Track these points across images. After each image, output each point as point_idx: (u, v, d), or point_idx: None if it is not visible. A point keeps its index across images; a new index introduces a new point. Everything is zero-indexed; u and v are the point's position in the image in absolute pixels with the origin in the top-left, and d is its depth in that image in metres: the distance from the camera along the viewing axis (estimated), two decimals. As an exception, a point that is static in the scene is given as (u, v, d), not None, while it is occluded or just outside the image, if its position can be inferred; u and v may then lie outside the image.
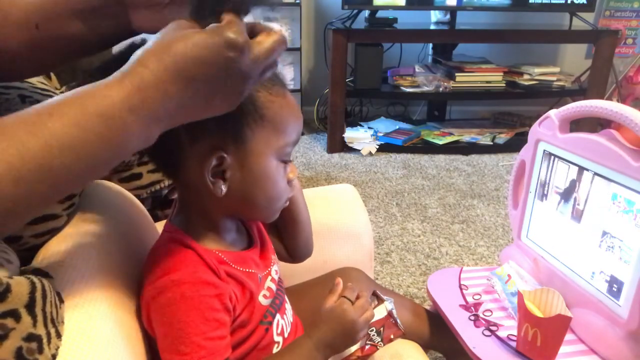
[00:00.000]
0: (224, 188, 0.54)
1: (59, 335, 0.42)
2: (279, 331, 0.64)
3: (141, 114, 0.40)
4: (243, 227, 0.66)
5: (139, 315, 0.58)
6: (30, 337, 0.39)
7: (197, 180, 0.54)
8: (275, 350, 0.63)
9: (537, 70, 2.72)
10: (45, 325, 0.41)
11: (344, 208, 0.95)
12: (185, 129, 0.51)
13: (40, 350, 0.39)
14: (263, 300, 0.61)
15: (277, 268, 0.68)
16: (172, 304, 0.52)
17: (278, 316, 0.64)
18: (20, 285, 0.40)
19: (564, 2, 2.60)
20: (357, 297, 0.65)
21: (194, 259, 0.55)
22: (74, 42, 0.54)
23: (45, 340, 0.40)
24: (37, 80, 0.69)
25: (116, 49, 0.53)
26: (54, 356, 0.41)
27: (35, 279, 0.42)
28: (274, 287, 0.64)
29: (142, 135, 0.42)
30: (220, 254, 0.57)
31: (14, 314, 0.38)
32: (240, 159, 0.54)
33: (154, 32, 0.46)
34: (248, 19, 0.47)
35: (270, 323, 0.62)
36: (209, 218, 0.59)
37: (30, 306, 0.40)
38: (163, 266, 0.54)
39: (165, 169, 0.60)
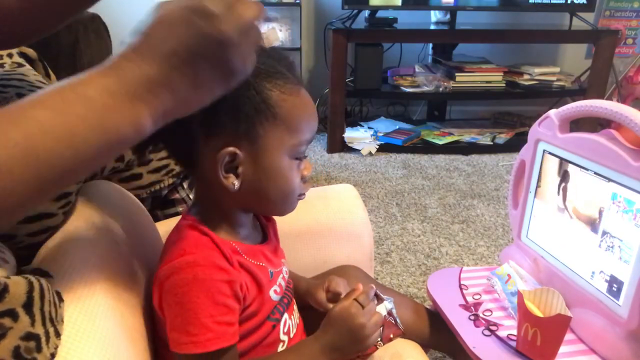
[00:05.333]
0: (236, 183, 0.55)
1: (58, 335, 0.42)
2: (285, 330, 0.64)
3: (119, 93, 0.39)
4: (258, 224, 0.68)
5: (141, 313, 0.58)
6: (29, 336, 0.39)
7: (211, 175, 0.55)
8: (280, 348, 0.63)
9: (537, 70, 2.72)
10: (44, 325, 0.41)
11: (344, 208, 0.95)
12: (201, 124, 0.53)
13: (39, 349, 0.39)
14: (273, 295, 0.62)
15: (287, 269, 0.69)
16: (185, 285, 0.53)
17: (286, 315, 0.65)
18: (17, 285, 0.40)
19: (564, 2, 2.60)
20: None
21: (209, 245, 0.56)
22: None
23: (43, 339, 0.40)
24: (35, 79, 0.69)
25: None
26: (52, 355, 0.41)
27: (33, 279, 0.42)
28: (284, 284, 0.65)
29: (129, 119, 0.40)
30: (234, 244, 0.58)
31: (12, 314, 0.38)
32: (253, 156, 0.55)
33: None
34: None
35: (278, 320, 0.63)
36: (224, 210, 0.60)
37: (28, 306, 0.40)
38: (179, 249, 0.55)
39: (183, 163, 0.62)
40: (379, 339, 0.69)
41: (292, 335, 0.66)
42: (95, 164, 0.42)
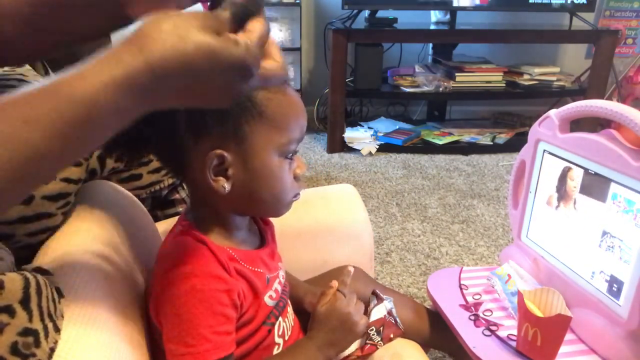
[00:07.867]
0: (227, 186, 0.54)
1: (57, 330, 0.42)
2: (280, 333, 0.64)
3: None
4: (255, 227, 0.67)
5: (140, 315, 0.58)
6: (26, 332, 0.39)
7: (200, 179, 0.54)
8: (275, 351, 0.63)
9: (537, 70, 2.72)
10: (42, 320, 0.41)
11: (344, 208, 0.95)
12: (188, 128, 0.52)
13: (38, 344, 0.39)
14: (269, 300, 0.61)
15: (284, 273, 0.69)
16: (182, 296, 0.52)
17: (280, 318, 0.64)
18: (13, 282, 0.40)
19: (564, 2, 2.60)
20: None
21: (206, 253, 0.55)
22: (70, 27, 0.50)
23: (42, 335, 0.40)
24: (35, 79, 0.69)
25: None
26: (52, 350, 0.41)
27: (29, 275, 0.42)
28: (280, 289, 0.65)
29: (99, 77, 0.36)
30: (230, 251, 0.58)
31: (8, 310, 0.38)
32: (242, 157, 0.55)
33: None
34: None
35: (273, 324, 0.63)
36: (219, 215, 0.59)
37: (24, 301, 0.40)
38: (175, 258, 0.54)
39: (172, 168, 0.61)
40: (379, 339, 0.69)
41: (287, 337, 0.66)
42: (79, 137, 0.37)
